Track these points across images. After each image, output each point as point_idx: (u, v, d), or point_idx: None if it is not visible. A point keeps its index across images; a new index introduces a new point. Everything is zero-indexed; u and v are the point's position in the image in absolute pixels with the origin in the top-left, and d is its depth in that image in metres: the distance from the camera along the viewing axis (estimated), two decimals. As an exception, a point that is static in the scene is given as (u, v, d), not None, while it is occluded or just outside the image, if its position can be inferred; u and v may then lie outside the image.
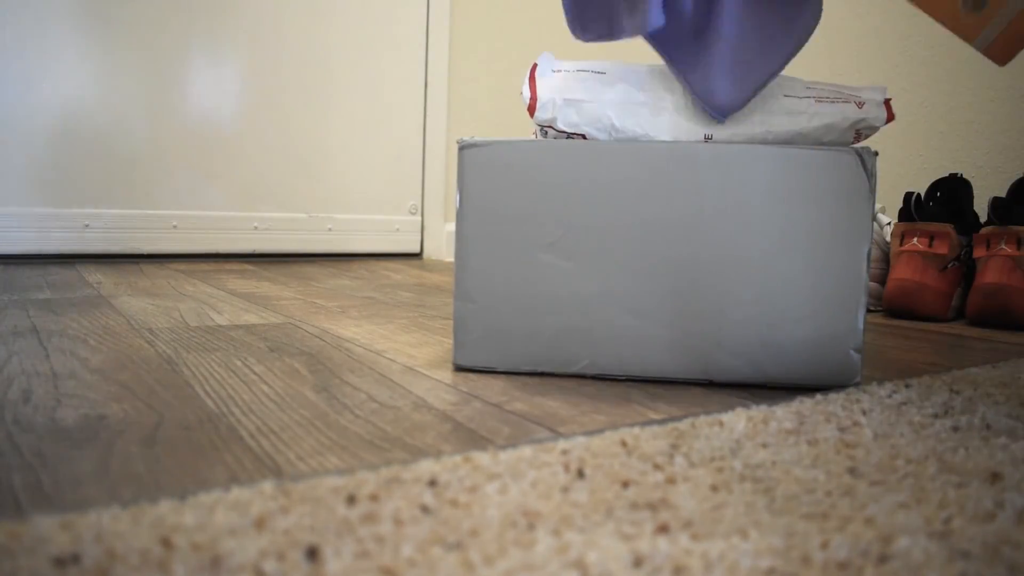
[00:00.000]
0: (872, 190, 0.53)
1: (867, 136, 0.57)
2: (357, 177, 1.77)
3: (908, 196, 1.02)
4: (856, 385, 0.54)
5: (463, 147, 0.56)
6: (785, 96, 0.56)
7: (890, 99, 0.59)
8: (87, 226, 1.47)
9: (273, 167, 1.66)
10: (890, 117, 0.56)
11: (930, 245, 0.97)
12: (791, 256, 0.53)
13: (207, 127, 1.58)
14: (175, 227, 1.55)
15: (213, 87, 1.58)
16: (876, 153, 0.53)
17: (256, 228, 1.64)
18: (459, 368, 0.58)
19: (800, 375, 0.54)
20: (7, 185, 1.40)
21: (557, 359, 0.56)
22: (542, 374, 0.56)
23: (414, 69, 1.84)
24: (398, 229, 1.84)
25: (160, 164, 1.54)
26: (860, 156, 0.52)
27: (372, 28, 1.76)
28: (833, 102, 0.56)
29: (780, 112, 0.56)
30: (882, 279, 1.06)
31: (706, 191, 0.54)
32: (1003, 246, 0.92)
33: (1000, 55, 0.59)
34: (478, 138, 0.56)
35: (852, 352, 0.53)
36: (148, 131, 1.52)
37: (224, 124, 1.60)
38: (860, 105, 0.55)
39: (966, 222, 1.02)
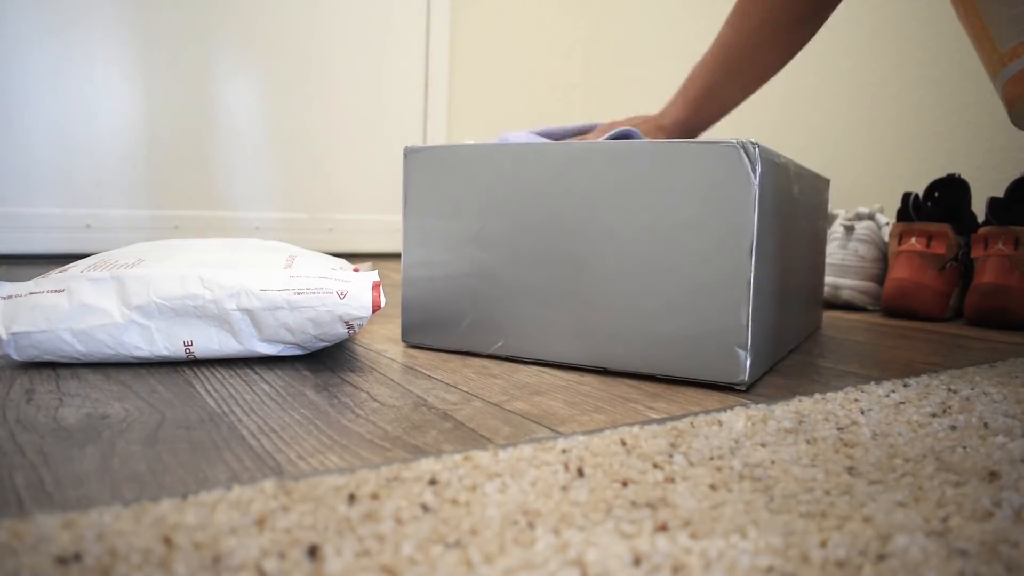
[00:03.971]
0: (758, 183, 0.51)
1: (360, 327, 0.56)
2: (357, 177, 1.77)
3: (906, 196, 1.02)
4: (742, 384, 0.52)
5: (407, 153, 0.65)
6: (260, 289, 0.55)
7: (379, 283, 0.57)
8: (89, 226, 1.47)
9: (274, 167, 1.67)
10: (376, 306, 0.55)
11: (928, 245, 0.97)
12: (674, 250, 0.54)
13: (208, 128, 1.58)
14: (176, 227, 1.55)
15: (213, 88, 1.58)
16: (757, 145, 0.51)
17: (257, 228, 1.65)
18: (409, 346, 0.66)
19: (687, 369, 0.54)
20: (8, 185, 1.40)
21: (477, 340, 0.63)
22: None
23: (414, 69, 1.84)
24: (399, 229, 1.83)
25: (161, 164, 1.54)
26: (743, 148, 0.51)
27: (372, 28, 1.76)
28: (314, 293, 0.55)
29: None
30: (880, 279, 1.06)
31: (598, 187, 0.56)
32: (1001, 246, 0.93)
33: (1012, 93, 0.55)
34: (421, 144, 0.64)
35: (737, 349, 0.52)
36: (149, 131, 1.52)
37: (224, 124, 1.60)
38: (343, 295, 0.55)
39: (964, 222, 1.02)
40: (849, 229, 1.06)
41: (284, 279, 0.56)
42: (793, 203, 0.64)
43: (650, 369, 0.55)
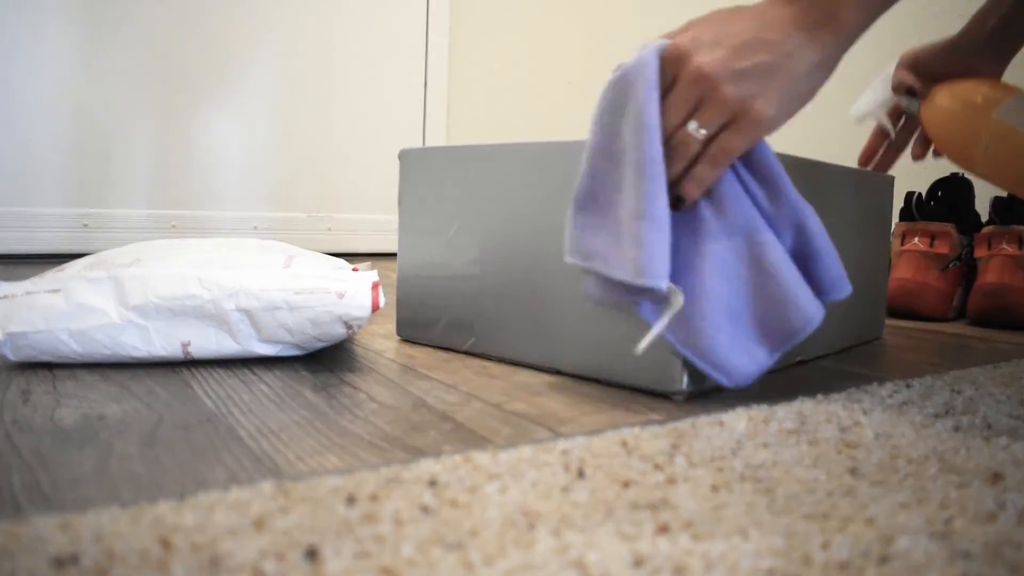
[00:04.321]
0: None
1: (359, 327, 0.55)
2: (357, 177, 1.77)
3: (909, 196, 1.02)
4: (680, 394, 0.50)
5: (402, 155, 0.67)
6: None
7: (378, 283, 0.57)
8: (86, 226, 1.47)
9: (272, 167, 1.66)
10: (375, 306, 0.55)
11: (931, 245, 0.96)
12: None
13: (207, 128, 1.58)
14: (174, 227, 1.55)
15: (212, 88, 1.58)
16: None
17: (256, 228, 1.64)
18: (402, 340, 0.69)
19: (627, 374, 0.53)
20: (7, 185, 1.40)
21: (453, 337, 0.64)
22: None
23: (414, 69, 1.84)
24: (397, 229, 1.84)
25: (159, 163, 1.54)
26: None
27: (372, 28, 1.76)
28: (313, 293, 0.55)
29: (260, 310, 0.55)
30: (883, 279, 1.06)
31: (554, 190, 0.56)
32: (1004, 246, 0.92)
33: None
34: (418, 146, 0.65)
35: (672, 357, 0.50)
36: (147, 131, 1.52)
37: (224, 124, 1.60)
38: (342, 295, 0.55)
39: (967, 222, 1.02)
40: (850, 229, 1.06)
41: (283, 279, 0.56)
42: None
43: (596, 374, 0.55)
